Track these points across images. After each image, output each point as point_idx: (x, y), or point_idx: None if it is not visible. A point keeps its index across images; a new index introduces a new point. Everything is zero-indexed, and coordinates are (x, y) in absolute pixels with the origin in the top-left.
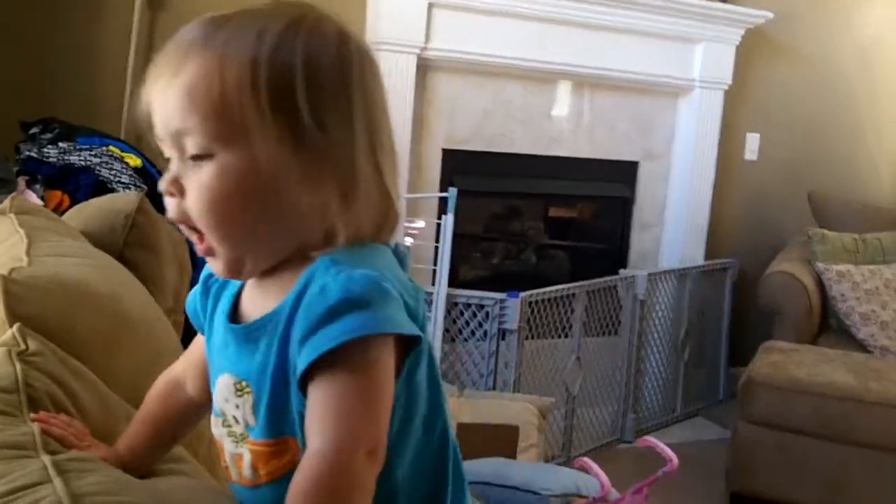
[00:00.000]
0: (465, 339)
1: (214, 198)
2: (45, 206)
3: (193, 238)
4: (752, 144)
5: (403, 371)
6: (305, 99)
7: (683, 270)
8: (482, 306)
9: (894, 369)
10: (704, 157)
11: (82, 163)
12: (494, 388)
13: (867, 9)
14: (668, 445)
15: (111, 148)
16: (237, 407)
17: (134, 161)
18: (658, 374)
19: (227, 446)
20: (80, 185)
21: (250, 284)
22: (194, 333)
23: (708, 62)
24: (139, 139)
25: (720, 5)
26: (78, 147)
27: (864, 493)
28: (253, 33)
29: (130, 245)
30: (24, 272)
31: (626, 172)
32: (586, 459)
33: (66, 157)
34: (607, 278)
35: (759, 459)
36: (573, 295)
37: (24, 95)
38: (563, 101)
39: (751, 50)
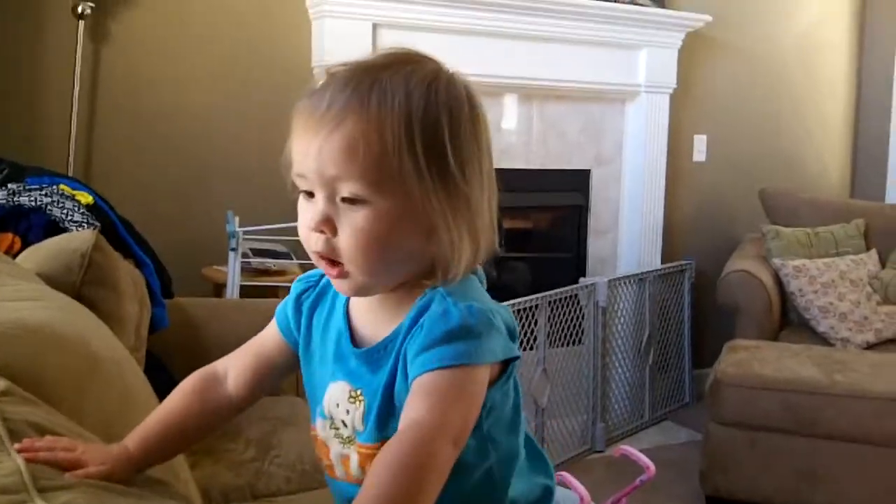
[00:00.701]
0: None
1: (370, 239)
2: None
3: (323, 263)
4: (700, 146)
5: (507, 377)
6: (451, 151)
7: (642, 275)
8: None
9: (857, 360)
10: (655, 161)
11: (32, 203)
12: None
13: (804, 2)
14: (641, 451)
15: (62, 186)
16: (348, 412)
17: (86, 198)
18: (624, 380)
19: (334, 447)
20: (31, 225)
21: (361, 307)
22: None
23: (652, 67)
24: (88, 176)
25: (660, 11)
26: (27, 187)
27: (839, 484)
28: (403, 91)
29: (88, 284)
30: None
31: (578, 180)
32: (565, 473)
33: (15, 198)
34: (568, 287)
35: (732, 459)
36: (536, 306)
37: None
38: (511, 114)
39: (693, 52)
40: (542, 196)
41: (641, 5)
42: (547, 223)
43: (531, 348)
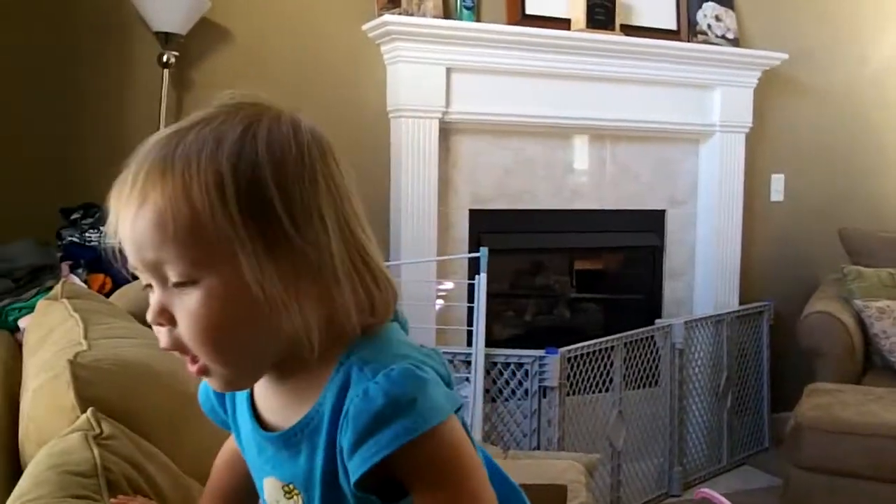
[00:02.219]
0: (506, 399)
1: (207, 324)
2: (89, 288)
3: (186, 360)
4: (777, 185)
5: None
6: (280, 203)
7: (719, 316)
8: (521, 364)
9: None
10: (730, 201)
11: None
12: (539, 447)
13: (880, 37)
14: None
15: None
16: None
17: None
18: (701, 423)
19: None
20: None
21: (264, 390)
22: None
23: (727, 106)
24: None
25: (735, 50)
26: None
27: None
28: (211, 145)
29: None
30: (87, 356)
31: (653, 221)
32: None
33: (107, 241)
34: (644, 329)
35: None
36: (611, 347)
37: (62, 182)
38: (584, 155)
39: (769, 90)
40: (615, 236)
41: (716, 45)
42: (620, 264)
43: (607, 390)
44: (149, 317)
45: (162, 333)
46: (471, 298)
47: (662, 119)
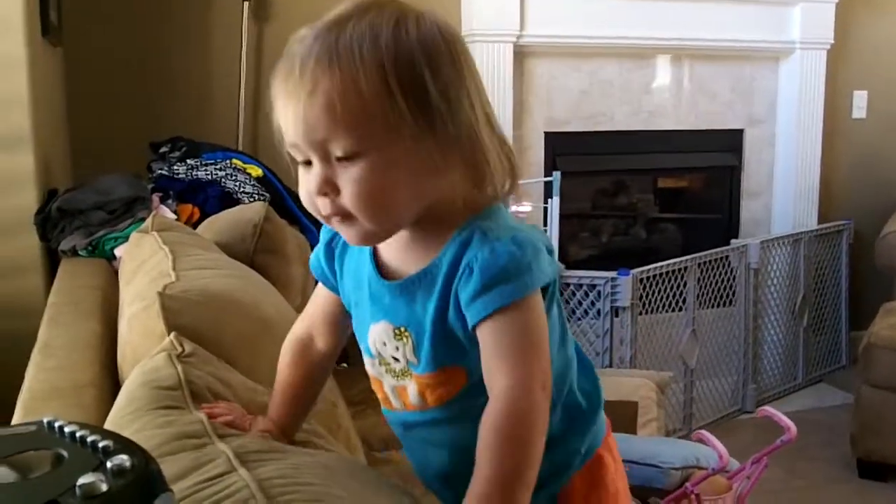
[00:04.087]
0: (579, 319)
1: (370, 190)
2: (178, 218)
3: (335, 220)
4: (859, 102)
5: (550, 295)
6: (434, 88)
7: (797, 236)
8: (594, 286)
9: None
10: (810, 119)
11: (209, 177)
12: (611, 366)
13: None
14: (791, 413)
15: (234, 161)
16: (397, 349)
17: (255, 171)
18: (777, 342)
19: (387, 381)
20: (208, 197)
21: (390, 245)
22: None
23: (807, 23)
24: (256, 149)
25: None
26: (204, 162)
27: None
28: (370, 38)
29: (260, 252)
30: (175, 287)
31: (731, 141)
32: (704, 432)
33: (194, 173)
34: (719, 249)
35: (884, 424)
36: (685, 268)
37: (150, 118)
38: (661, 75)
39: (851, 5)
40: (693, 157)
41: None
42: (698, 184)
43: (680, 310)
44: (312, 188)
45: (326, 203)
46: (545, 222)
47: (741, 37)
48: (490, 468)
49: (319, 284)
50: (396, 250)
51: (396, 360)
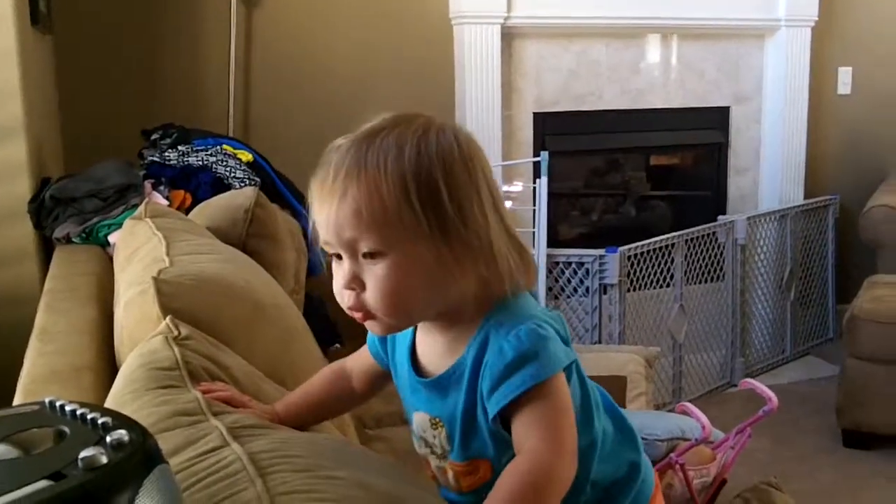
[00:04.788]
0: (568, 296)
1: (391, 288)
2: (171, 205)
3: (357, 314)
4: (844, 78)
5: (567, 379)
6: (448, 200)
7: (783, 211)
8: (582, 263)
9: None
10: (796, 96)
11: (200, 163)
12: (600, 342)
13: None
14: (779, 386)
15: (225, 146)
16: (434, 437)
17: (246, 156)
18: (764, 316)
19: (433, 462)
20: (200, 183)
21: (423, 340)
22: (314, 310)
23: (792, 0)
24: (246, 135)
25: None
26: (195, 148)
27: None
28: (395, 151)
29: (252, 236)
30: (169, 272)
31: (718, 118)
32: (687, 404)
33: (185, 159)
34: (706, 226)
35: (868, 394)
36: (673, 245)
37: (141, 105)
38: (648, 54)
39: None
40: (680, 135)
41: None
42: (686, 162)
43: (668, 286)
44: (342, 283)
45: (350, 296)
46: (534, 201)
47: (727, 15)
48: (499, 499)
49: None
50: (430, 348)
51: (436, 446)
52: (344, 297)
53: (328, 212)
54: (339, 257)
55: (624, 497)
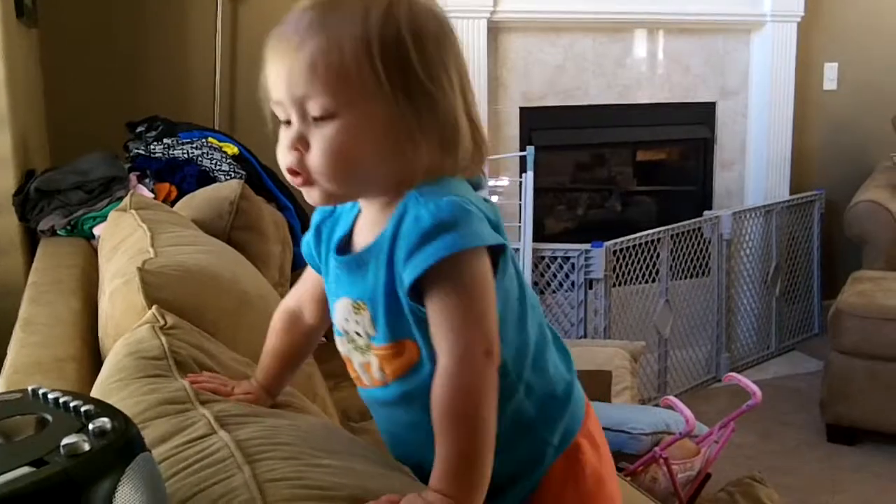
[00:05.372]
0: (554, 291)
1: (338, 150)
2: (156, 197)
3: (290, 176)
4: (830, 74)
5: (500, 271)
6: (417, 60)
7: (769, 206)
8: (567, 258)
9: None
10: (782, 91)
11: (185, 156)
12: (585, 336)
13: None
14: (765, 381)
15: (210, 139)
16: (357, 323)
17: (231, 149)
18: (750, 311)
19: (355, 358)
20: (185, 176)
21: (362, 220)
22: None
23: None
24: (232, 128)
25: None
26: (180, 141)
27: None
28: (360, 12)
29: (237, 228)
30: (154, 263)
31: (704, 113)
32: (671, 398)
33: (170, 152)
34: (692, 221)
35: (852, 389)
36: (658, 240)
37: (126, 98)
38: (634, 49)
39: None
40: (666, 129)
41: None
42: (672, 157)
43: (654, 281)
44: (286, 143)
45: (292, 158)
46: (521, 195)
47: (713, 10)
48: (446, 449)
49: None
50: (363, 226)
51: (359, 335)
52: (286, 158)
53: (281, 66)
54: (289, 123)
55: (559, 418)
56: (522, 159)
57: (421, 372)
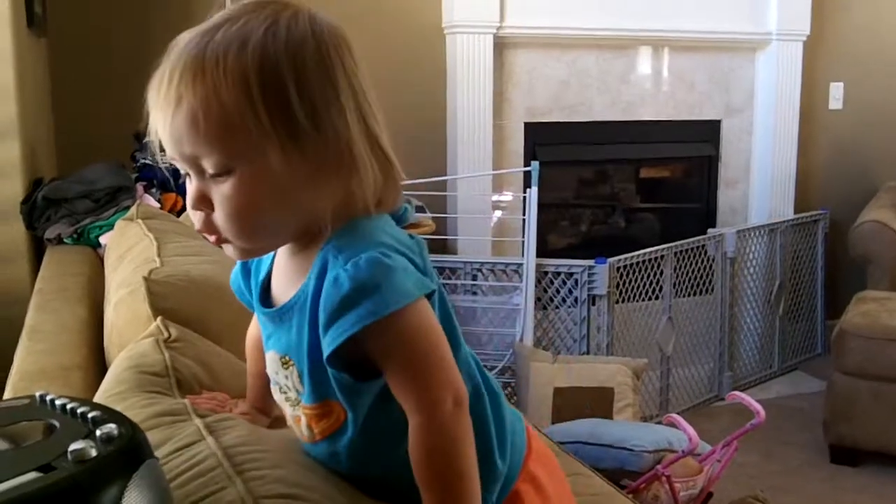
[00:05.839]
0: (557, 307)
1: (239, 207)
2: (162, 207)
3: (210, 237)
4: (836, 93)
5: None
6: (298, 101)
7: (773, 225)
8: (571, 274)
9: None
10: (787, 110)
11: None
12: (588, 353)
13: None
14: (767, 400)
15: None
16: (286, 378)
17: None
18: (753, 330)
19: (287, 410)
20: None
21: (277, 266)
22: None
23: (784, 14)
24: None
25: None
26: None
27: None
28: (236, 46)
29: None
30: (160, 272)
31: (708, 131)
32: (674, 415)
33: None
34: (696, 238)
35: (855, 410)
36: (661, 257)
37: (134, 108)
38: (639, 65)
39: None
40: (670, 147)
41: None
42: (677, 174)
43: (657, 298)
44: (189, 203)
45: (198, 217)
46: (525, 211)
47: (718, 28)
48: (432, 500)
49: None
50: (280, 275)
51: (289, 388)
52: (194, 218)
53: (164, 123)
54: (189, 175)
55: (494, 479)
56: (526, 174)
57: (345, 435)
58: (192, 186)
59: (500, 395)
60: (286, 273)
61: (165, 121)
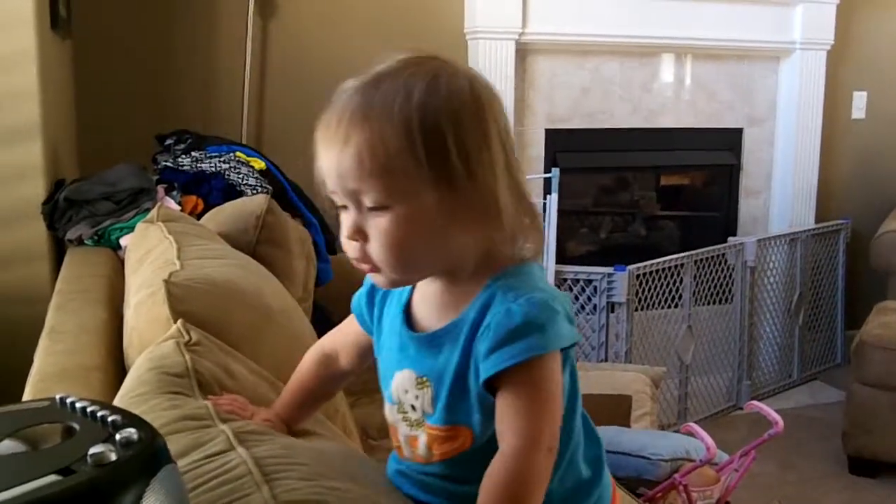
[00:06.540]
0: (576, 313)
1: (394, 241)
2: (183, 210)
3: (364, 266)
4: (859, 103)
5: (564, 363)
6: (455, 150)
7: (794, 234)
8: (590, 281)
9: None
10: (809, 119)
11: (213, 169)
12: (606, 360)
13: None
14: (786, 410)
15: (238, 153)
16: (416, 398)
17: (259, 164)
18: (773, 339)
19: (402, 429)
20: (212, 189)
21: (420, 297)
22: (320, 318)
23: (808, 23)
24: (259, 143)
25: None
26: (208, 155)
27: None
28: (402, 96)
29: (262, 243)
30: (180, 275)
31: (730, 140)
32: (692, 425)
33: (198, 165)
34: (716, 247)
35: (875, 421)
36: (681, 265)
37: (156, 111)
38: (661, 73)
39: (852, 6)
40: (692, 155)
41: None
42: (698, 182)
43: (677, 306)
44: (345, 234)
45: (354, 247)
46: (544, 217)
47: (741, 37)
48: None
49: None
50: (428, 304)
51: (414, 408)
52: (349, 248)
53: (331, 159)
54: (346, 207)
55: (588, 497)
56: (547, 181)
57: (471, 460)
58: (349, 218)
59: (601, 441)
60: (437, 304)
61: (333, 157)
